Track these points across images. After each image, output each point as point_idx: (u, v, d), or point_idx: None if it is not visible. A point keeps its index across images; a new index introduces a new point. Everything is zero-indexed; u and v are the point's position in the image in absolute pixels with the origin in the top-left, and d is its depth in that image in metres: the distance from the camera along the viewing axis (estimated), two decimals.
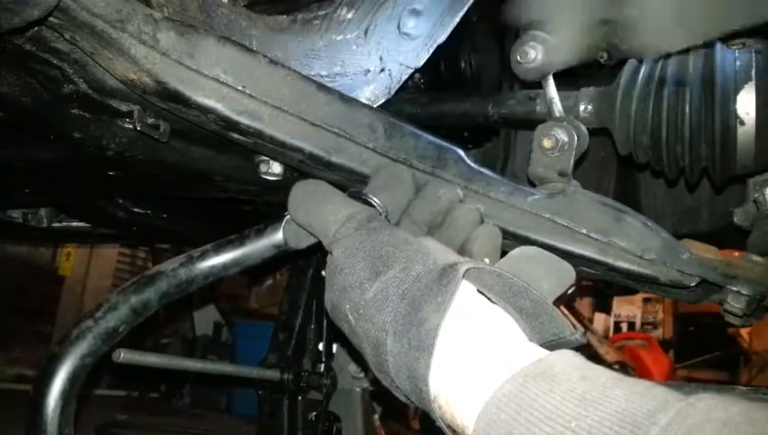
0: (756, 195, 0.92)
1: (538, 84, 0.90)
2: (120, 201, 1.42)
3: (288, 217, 0.80)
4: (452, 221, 0.77)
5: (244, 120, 0.74)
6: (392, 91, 0.92)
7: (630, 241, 0.82)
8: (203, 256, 0.83)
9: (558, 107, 0.89)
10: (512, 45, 0.88)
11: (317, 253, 1.13)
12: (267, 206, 1.35)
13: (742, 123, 0.84)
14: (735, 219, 0.96)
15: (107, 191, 1.34)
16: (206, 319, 4.89)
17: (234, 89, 0.73)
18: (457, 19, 0.92)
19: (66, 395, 0.78)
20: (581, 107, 0.94)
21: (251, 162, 0.89)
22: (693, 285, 0.84)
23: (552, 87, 0.88)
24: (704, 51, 0.89)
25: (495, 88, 1.21)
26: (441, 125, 1.03)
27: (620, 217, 0.83)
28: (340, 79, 0.90)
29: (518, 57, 0.87)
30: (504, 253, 0.76)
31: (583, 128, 0.89)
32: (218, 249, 0.83)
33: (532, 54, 0.86)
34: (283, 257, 0.83)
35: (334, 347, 1.39)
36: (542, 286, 0.70)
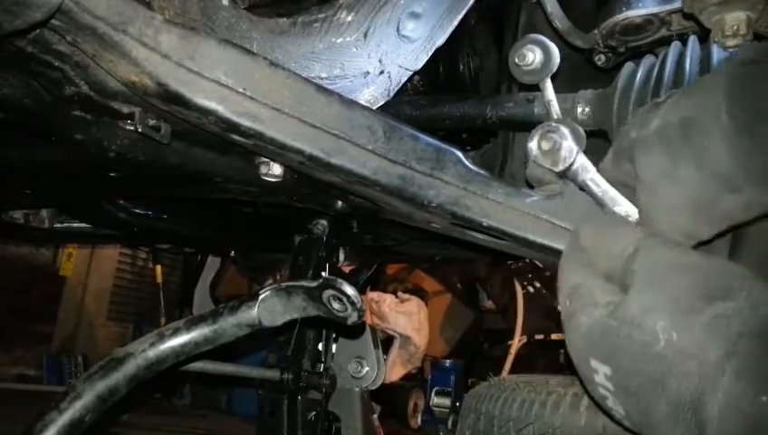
0: None
1: (536, 86, 0.91)
2: (121, 202, 1.42)
3: (263, 295, 0.81)
4: None
5: (244, 122, 0.74)
6: (391, 94, 0.93)
7: None
8: (175, 333, 0.82)
9: (556, 109, 0.90)
10: (510, 48, 0.89)
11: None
12: (267, 206, 1.35)
13: None
14: None
15: (108, 192, 1.34)
16: None
17: (234, 91, 0.73)
18: (456, 22, 0.93)
19: None
20: (579, 109, 0.94)
21: (251, 164, 0.90)
22: None
23: (549, 89, 0.89)
24: (700, 53, 0.90)
25: (494, 90, 1.22)
26: (440, 127, 1.04)
27: None
28: (340, 81, 0.91)
29: (516, 60, 0.87)
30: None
31: (581, 130, 0.89)
32: (191, 326, 0.83)
33: (531, 57, 0.87)
34: (284, 252, 0.83)
35: (333, 347, 1.40)
36: None
